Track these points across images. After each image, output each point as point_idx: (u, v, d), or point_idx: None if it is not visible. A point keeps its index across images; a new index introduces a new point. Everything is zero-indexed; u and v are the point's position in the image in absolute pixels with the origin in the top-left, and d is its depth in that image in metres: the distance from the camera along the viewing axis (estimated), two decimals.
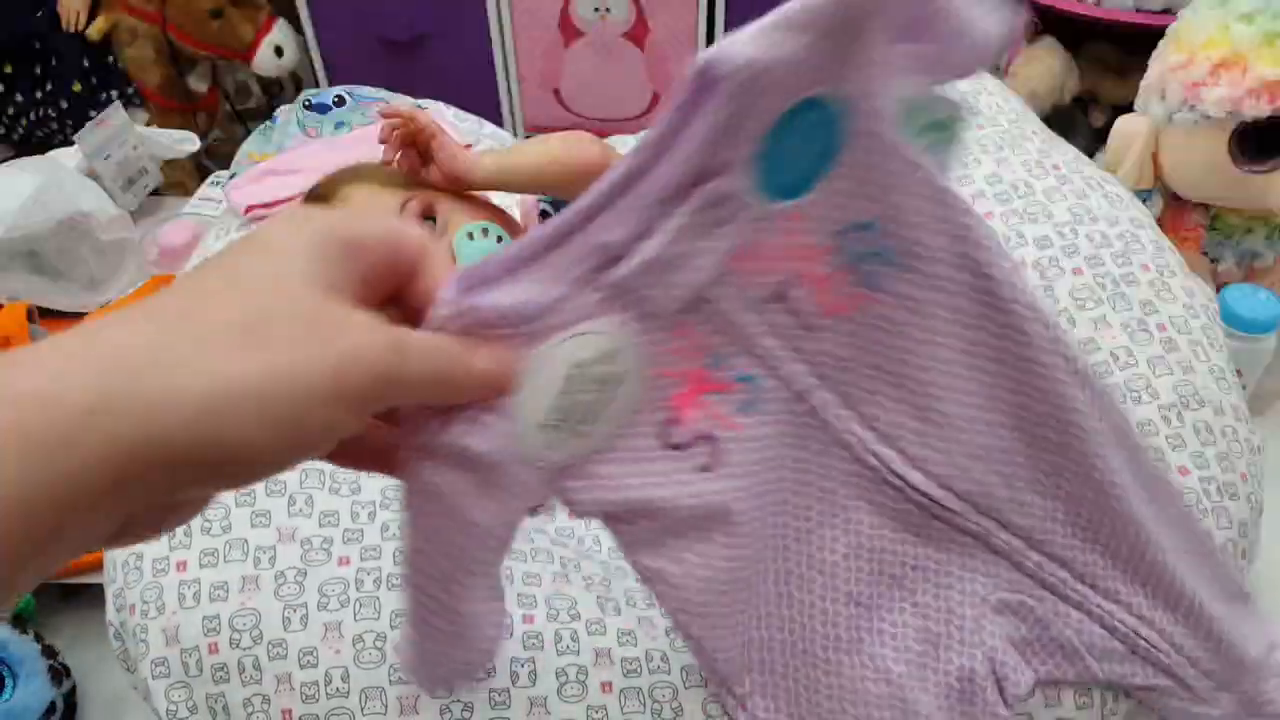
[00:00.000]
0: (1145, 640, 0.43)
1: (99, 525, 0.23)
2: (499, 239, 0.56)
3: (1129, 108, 0.78)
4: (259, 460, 0.24)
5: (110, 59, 1.09)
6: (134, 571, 0.46)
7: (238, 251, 0.26)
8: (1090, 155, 0.80)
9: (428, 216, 0.57)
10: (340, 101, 0.84)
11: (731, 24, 1.03)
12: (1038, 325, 0.39)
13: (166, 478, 0.23)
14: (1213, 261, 0.79)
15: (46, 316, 0.85)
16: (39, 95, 1.09)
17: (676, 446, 0.36)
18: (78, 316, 0.85)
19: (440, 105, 0.86)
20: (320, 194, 0.61)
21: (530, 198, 0.64)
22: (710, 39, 1.05)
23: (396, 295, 0.28)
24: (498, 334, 0.30)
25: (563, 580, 0.49)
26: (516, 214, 0.64)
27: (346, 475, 0.49)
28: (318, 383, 0.24)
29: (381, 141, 0.62)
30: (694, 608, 0.40)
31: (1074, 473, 0.41)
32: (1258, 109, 0.67)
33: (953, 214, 0.37)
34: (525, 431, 0.32)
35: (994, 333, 0.39)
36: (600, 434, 0.35)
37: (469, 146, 0.68)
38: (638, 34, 1.05)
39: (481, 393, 0.29)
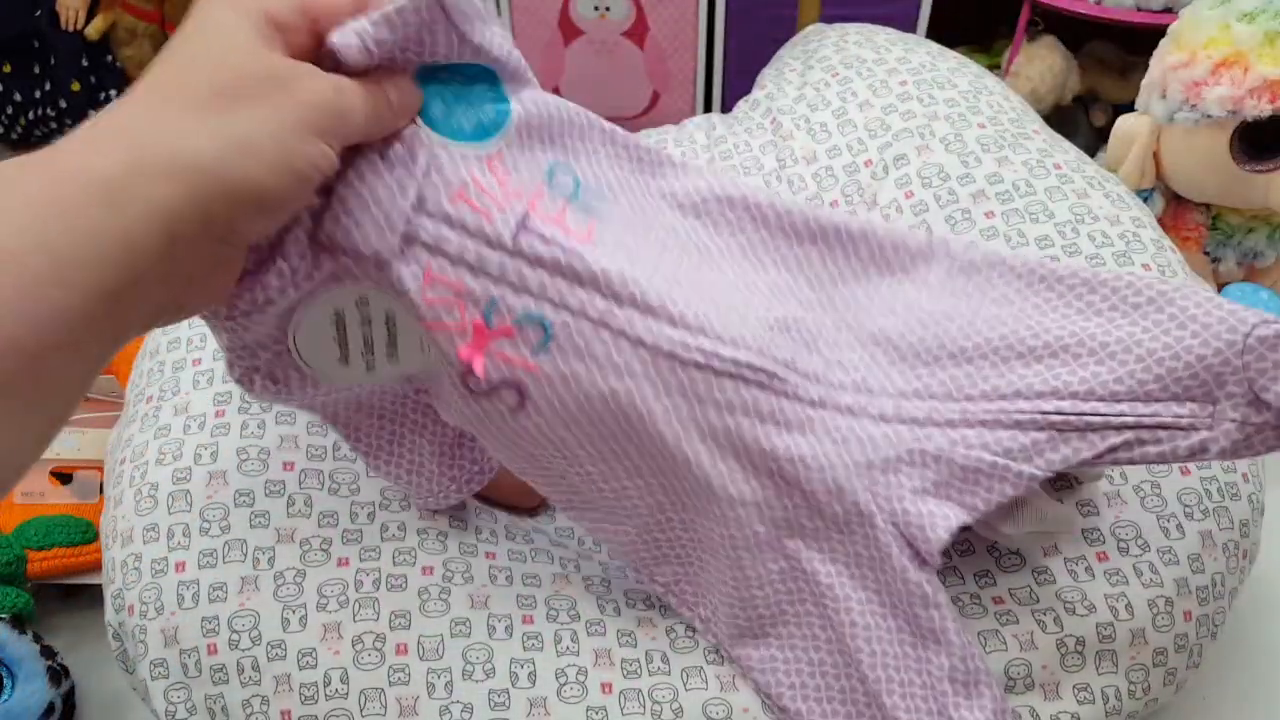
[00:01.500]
0: (1059, 413, 0.39)
1: (166, 286, 0.29)
2: None
3: (1130, 107, 0.78)
4: (274, 196, 0.30)
5: (109, 58, 1.09)
6: (133, 572, 0.46)
7: (185, 37, 0.31)
8: (1091, 154, 0.80)
9: None
10: None
11: (731, 22, 1.03)
12: (729, 211, 0.43)
13: (205, 226, 0.29)
14: (1214, 261, 0.79)
15: None
16: (37, 94, 1.09)
17: (480, 393, 0.39)
18: None
19: None
20: None
21: None
22: (710, 37, 1.05)
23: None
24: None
25: (562, 580, 0.49)
26: None
27: (345, 476, 0.49)
28: (291, 123, 0.30)
29: None
30: (577, 504, 0.44)
31: (855, 315, 0.42)
32: (1259, 108, 0.67)
33: (625, 150, 0.41)
34: (330, 371, 0.40)
35: (705, 233, 0.42)
36: (410, 357, 0.40)
37: None
38: (637, 32, 1.04)
39: (402, 117, 0.36)
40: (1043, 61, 0.99)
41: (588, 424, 0.40)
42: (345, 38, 0.33)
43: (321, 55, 0.34)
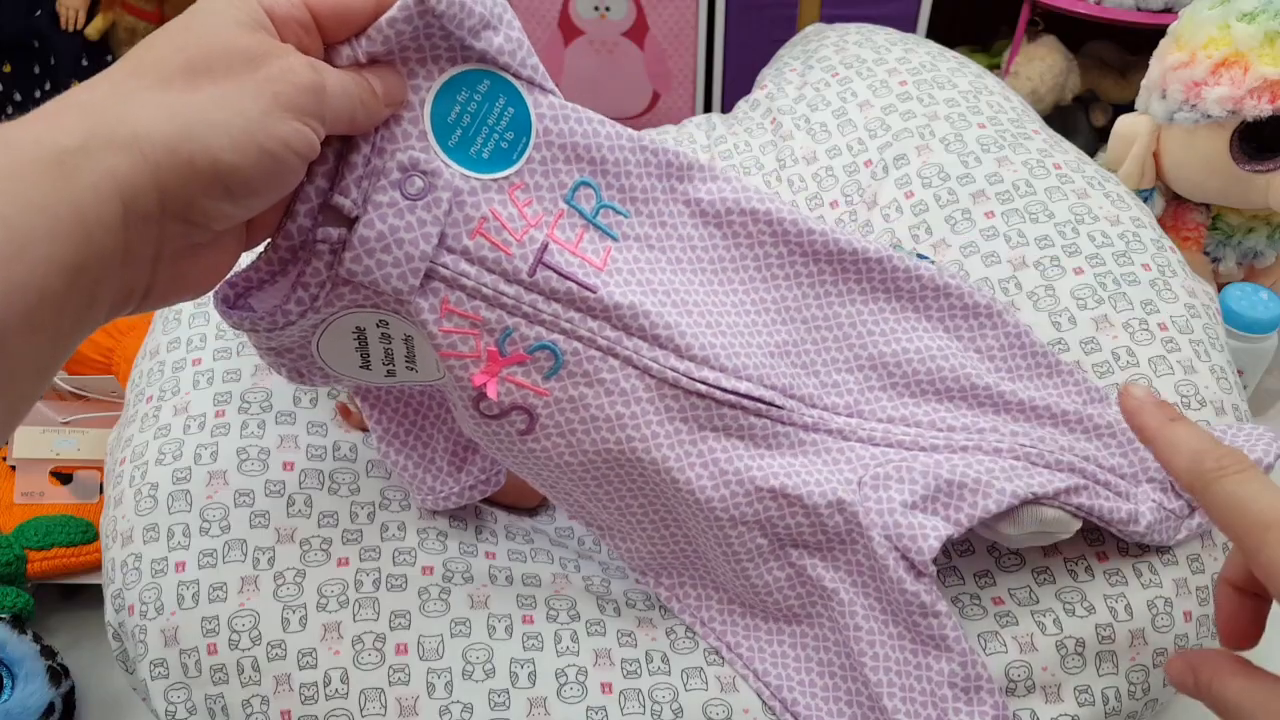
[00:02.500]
0: (1031, 446, 0.44)
1: (129, 267, 0.28)
2: None
3: (1130, 107, 0.78)
4: (238, 175, 0.29)
5: (109, 58, 1.09)
6: (133, 572, 0.46)
7: (174, 24, 0.31)
8: (1092, 154, 0.80)
9: None
10: None
11: (731, 22, 1.03)
12: (752, 225, 0.43)
13: (163, 202, 0.27)
14: (1214, 261, 0.79)
15: None
16: (37, 95, 1.09)
17: (491, 416, 0.40)
18: None
19: None
20: None
21: None
22: (710, 37, 1.05)
23: None
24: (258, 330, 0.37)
25: (562, 580, 0.49)
26: None
27: (345, 476, 0.49)
28: (260, 100, 0.29)
29: None
30: (582, 517, 0.45)
31: (859, 335, 0.44)
32: (1259, 108, 0.67)
33: (654, 155, 0.41)
34: (352, 374, 0.40)
35: (723, 245, 0.43)
36: (429, 371, 0.40)
37: None
38: (637, 32, 1.04)
39: (386, 107, 0.35)
40: (1043, 61, 0.99)
41: (592, 449, 0.41)
42: (336, 50, 0.34)
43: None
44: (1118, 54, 1.08)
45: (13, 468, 0.65)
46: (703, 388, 0.41)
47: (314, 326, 0.38)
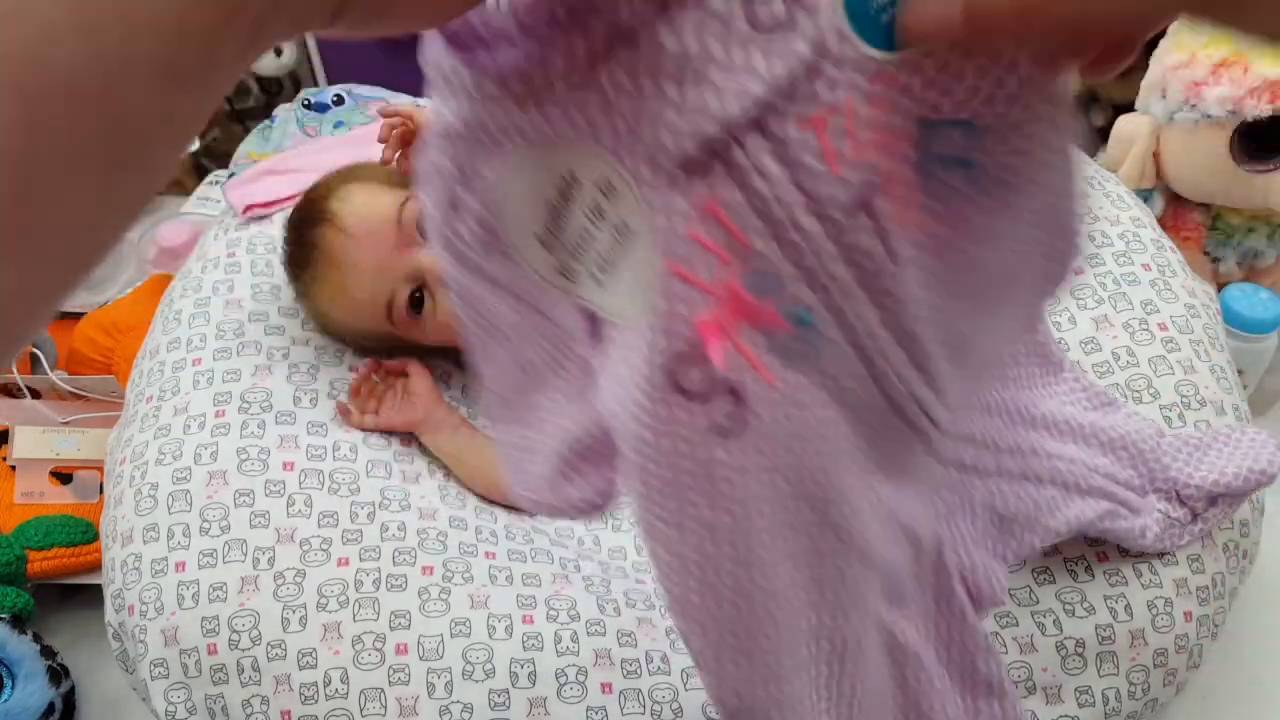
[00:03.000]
0: (1066, 470, 0.43)
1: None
2: None
3: (1130, 107, 0.78)
4: None
5: None
6: (133, 572, 0.46)
7: None
8: (1092, 154, 0.80)
9: None
10: (339, 101, 0.83)
11: None
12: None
13: None
14: (1214, 261, 0.79)
15: None
16: None
17: (688, 393, 0.26)
18: (76, 316, 0.84)
19: None
20: (319, 193, 0.61)
21: None
22: None
23: None
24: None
25: (563, 581, 0.49)
26: None
27: (345, 476, 0.49)
28: None
29: (381, 140, 0.62)
30: (698, 608, 0.30)
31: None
32: (1259, 108, 0.67)
33: (1067, 159, 0.26)
34: (518, 240, 0.27)
35: (1046, 261, 0.30)
36: (620, 293, 0.27)
37: None
38: None
39: None
40: None
41: (792, 474, 0.28)
42: None
43: None
44: None
45: (13, 468, 0.65)
46: (924, 423, 0.30)
47: (530, 127, 0.26)
